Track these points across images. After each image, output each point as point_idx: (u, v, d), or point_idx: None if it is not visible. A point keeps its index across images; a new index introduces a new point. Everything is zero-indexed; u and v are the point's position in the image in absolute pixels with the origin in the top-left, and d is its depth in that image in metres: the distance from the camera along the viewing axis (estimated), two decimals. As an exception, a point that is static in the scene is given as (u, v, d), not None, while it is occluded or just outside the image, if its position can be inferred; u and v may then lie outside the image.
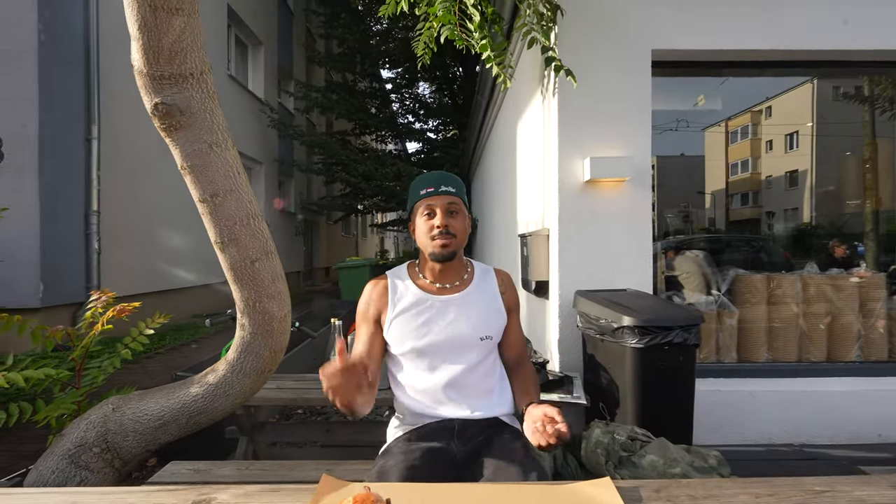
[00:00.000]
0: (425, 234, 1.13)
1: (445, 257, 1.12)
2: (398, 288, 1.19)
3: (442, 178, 1.15)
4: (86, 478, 1.36)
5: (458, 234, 1.13)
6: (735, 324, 2.65)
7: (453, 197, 1.14)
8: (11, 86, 4.23)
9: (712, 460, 1.17)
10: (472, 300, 1.17)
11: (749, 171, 3.79)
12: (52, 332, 1.60)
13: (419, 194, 1.15)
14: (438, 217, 1.12)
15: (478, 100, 5.00)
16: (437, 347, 1.13)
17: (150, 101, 1.15)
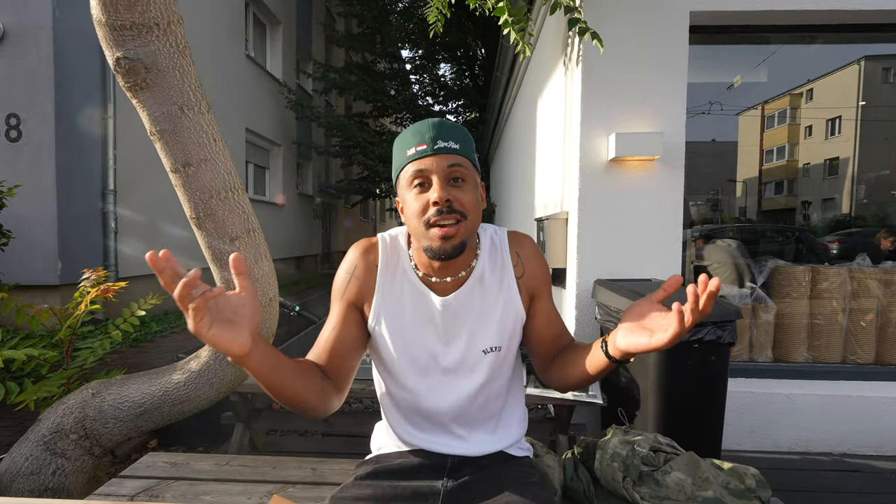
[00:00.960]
0: (416, 215, 0.73)
1: (449, 254, 0.72)
2: (390, 268, 0.83)
3: (438, 129, 0.74)
4: (62, 466, 1.29)
5: (468, 213, 0.73)
6: (772, 319, 2.42)
7: (456, 156, 0.73)
8: (27, 62, 4.22)
9: (750, 480, 1.00)
10: (474, 298, 0.82)
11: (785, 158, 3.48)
12: (36, 311, 1.53)
13: (405, 155, 0.75)
14: (435, 188, 0.71)
15: (497, 77, 4.75)
16: (426, 368, 0.82)
17: (112, 56, 1.02)
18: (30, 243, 4.12)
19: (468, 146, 0.77)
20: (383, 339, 0.82)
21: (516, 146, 4.90)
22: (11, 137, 4.23)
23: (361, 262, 0.83)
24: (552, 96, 2.84)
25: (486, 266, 0.83)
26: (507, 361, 0.86)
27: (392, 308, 0.82)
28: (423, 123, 0.76)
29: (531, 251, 0.86)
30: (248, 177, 8.40)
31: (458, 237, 0.72)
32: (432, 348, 0.82)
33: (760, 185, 3.13)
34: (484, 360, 0.82)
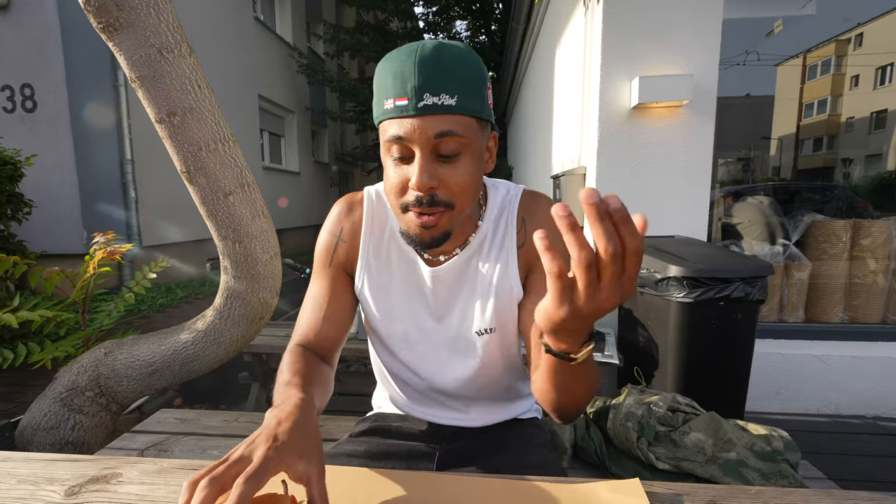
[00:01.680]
0: (393, 192, 0.58)
1: (429, 245, 0.60)
2: (376, 229, 0.71)
3: (428, 74, 0.52)
4: (80, 421, 1.32)
5: (455, 201, 0.58)
6: (805, 278, 2.27)
7: (450, 118, 0.54)
8: (35, 29, 4.18)
9: (778, 443, 0.93)
10: (469, 270, 0.69)
11: (826, 111, 3.18)
12: (48, 273, 1.54)
13: (382, 104, 0.56)
14: (415, 169, 0.55)
15: (513, 28, 4.47)
16: (417, 342, 0.72)
17: (81, -7, 0.94)
18: (54, 213, 4.23)
19: (472, 91, 0.55)
20: (369, 307, 0.72)
21: (534, 103, 4.66)
22: (27, 108, 4.27)
23: (347, 221, 0.72)
24: (570, 42, 2.63)
25: (488, 234, 0.69)
26: (507, 344, 0.72)
27: (377, 275, 0.71)
28: (409, 56, 0.53)
29: (543, 216, 0.69)
30: (264, 145, 8.36)
31: (440, 227, 0.58)
32: (422, 323, 0.71)
33: (798, 142, 2.90)
34: (478, 343, 0.70)
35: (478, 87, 0.56)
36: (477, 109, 0.56)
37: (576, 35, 2.47)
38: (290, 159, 9.28)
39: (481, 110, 0.57)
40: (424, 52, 0.53)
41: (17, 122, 4.27)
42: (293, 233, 8.41)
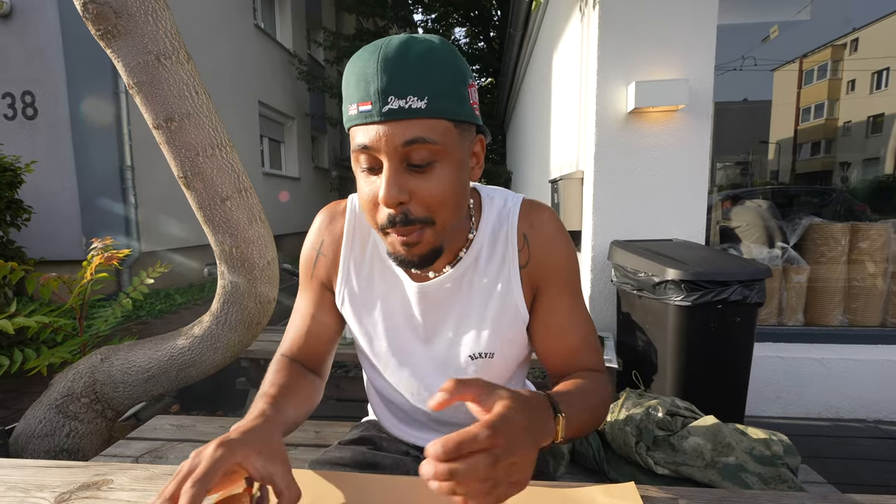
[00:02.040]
0: (366, 207, 0.53)
1: (418, 264, 0.54)
2: (357, 241, 0.66)
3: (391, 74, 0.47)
4: (75, 428, 1.31)
5: (434, 216, 0.52)
6: (804, 281, 2.27)
7: (419, 123, 0.48)
8: (36, 37, 4.21)
9: (777, 447, 0.92)
10: (462, 287, 0.63)
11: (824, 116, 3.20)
12: (45, 280, 1.54)
13: (347, 109, 0.51)
14: (383, 182, 0.49)
15: (510, 34, 4.50)
16: (402, 365, 0.67)
17: (80, 1, 0.94)
18: (54, 219, 4.24)
19: (446, 92, 0.48)
20: (352, 324, 0.68)
21: (532, 108, 4.69)
22: (28, 115, 4.29)
23: (327, 233, 0.67)
24: (567, 48, 2.65)
25: (483, 247, 0.62)
26: (505, 373, 0.67)
27: (359, 291, 0.66)
28: (371, 57, 0.47)
29: (547, 232, 0.62)
30: (264, 151, 8.39)
31: (425, 245, 0.52)
32: (407, 344, 0.66)
33: (795, 146, 2.91)
34: (470, 368, 0.64)
35: (454, 86, 0.49)
36: (453, 112, 0.49)
37: (572, 41, 2.49)
38: (290, 165, 9.31)
39: (458, 112, 0.50)
40: (389, 50, 0.47)
41: (17, 129, 4.29)
42: (292, 238, 8.42)
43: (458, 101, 0.50)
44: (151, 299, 4.76)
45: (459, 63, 0.51)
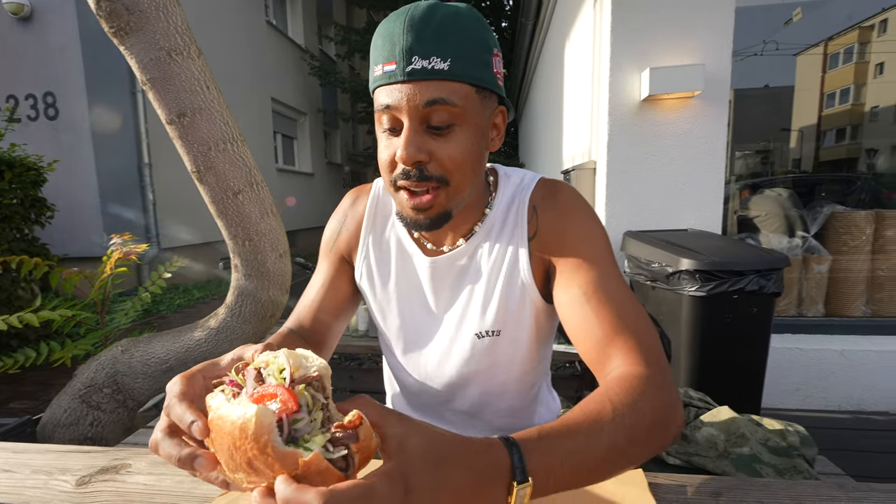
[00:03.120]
0: (384, 167, 0.54)
1: (427, 227, 0.55)
2: (378, 219, 0.68)
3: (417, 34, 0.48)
4: (98, 418, 1.36)
5: (449, 177, 0.52)
6: (825, 271, 2.21)
7: (440, 85, 0.49)
8: (56, 39, 4.31)
9: (793, 437, 0.90)
10: (472, 263, 0.63)
11: (849, 101, 3.08)
12: (67, 274, 1.59)
13: (372, 70, 0.52)
14: (401, 140, 0.50)
15: (522, 23, 4.44)
16: (413, 343, 0.68)
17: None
18: (76, 216, 4.36)
19: (470, 56, 0.49)
20: (368, 300, 0.70)
21: (544, 98, 4.63)
22: (49, 116, 4.40)
23: (351, 211, 0.70)
24: (579, 35, 2.60)
25: (496, 224, 0.62)
26: (514, 354, 0.64)
27: (376, 267, 0.68)
28: (398, 19, 0.48)
29: (561, 202, 0.59)
30: (277, 147, 8.47)
31: (436, 208, 0.53)
32: (418, 319, 0.67)
33: (819, 133, 2.81)
34: (476, 347, 0.63)
35: (478, 52, 0.50)
36: (475, 76, 0.50)
37: (585, 28, 2.44)
38: (303, 161, 9.39)
39: (481, 77, 0.50)
40: (416, 12, 0.48)
41: (40, 130, 4.41)
42: (306, 233, 8.51)
43: (481, 66, 0.50)
44: (170, 294, 4.88)
45: (485, 30, 0.51)
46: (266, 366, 0.32)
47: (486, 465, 0.33)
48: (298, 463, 0.28)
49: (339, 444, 0.30)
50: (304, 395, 0.31)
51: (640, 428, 0.41)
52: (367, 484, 0.28)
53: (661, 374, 0.46)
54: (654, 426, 0.42)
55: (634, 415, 0.41)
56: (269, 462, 0.28)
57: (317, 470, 0.28)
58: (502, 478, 0.33)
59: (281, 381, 0.31)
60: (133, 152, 4.97)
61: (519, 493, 0.32)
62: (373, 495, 0.28)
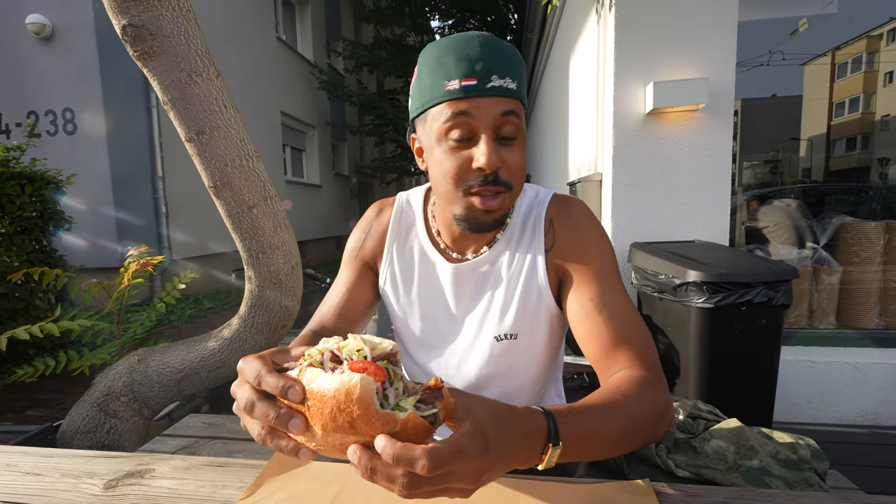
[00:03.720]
0: (451, 177, 0.57)
1: (489, 228, 0.61)
2: (402, 228, 0.73)
3: (493, 57, 0.55)
4: (115, 426, 1.39)
5: (514, 184, 0.59)
6: (836, 282, 2.19)
7: (512, 101, 0.56)
8: (76, 58, 4.45)
9: (804, 451, 0.90)
10: (493, 270, 0.68)
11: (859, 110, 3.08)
12: (86, 285, 1.64)
13: (441, 87, 0.55)
14: (483, 149, 0.55)
15: (527, 38, 4.51)
16: (434, 346, 0.72)
17: (119, 24, 1.02)
18: (94, 229, 4.46)
19: (523, 81, 0.58)
20: (391, 305, 0.74)
21: (549, 111, 4.67)
22: (68, 131, 4.54)
23: (376, 221, 0.75)
24: (584, 49, 2.64)
25: (515, 234, 0.68)
26: (534, 354, 0.69)
27: (400, 274, 0.72)
28: (471, 41, 0.55)
29: (575, 218, 0.66)
30: (286, 160, 8.61)
31: (501, 210, 0.59)
32: (439, 324, 0.71)
33: (829, 142, 2.81)
34: (495, 350, 0.67)
35: (525, 79, 0.59)
36: (525, 99, 0.59)
37: (589, 43, 2.48)
38: (312, 173, 9.52)
39: (526, 100, 0.60)
40: (486, 38, 0.56)
41: (59, 144, 4.54)
42: (314, 244, 8.59)
43: (526, 91, 0.60)
44: (182, 304, 4.94)
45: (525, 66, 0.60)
46: (339, 349, 0.37)
47: (532, 427, 0.40)
48: (397, 421, 0.32)
49: (427, 403, 0.35)
50: (388, 368, 0.35)
51: (642, 418, 0.49)
52: (458, 442, 0.34)
53: (658, 378, 0.55)
54: (653, 417, 0.50)
55: (640, 407, 0.49)
56: (371, 422, 0.32)
57: (413, 426, 0.33)
58: (541, 438, 0.41)
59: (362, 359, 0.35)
60: (147, 166, 5.09)
61: (552, 453, 0.40)
62: (463, 450, 0.33)
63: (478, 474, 0.35)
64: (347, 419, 0.32)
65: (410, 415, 0.33)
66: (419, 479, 0.33)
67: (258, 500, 0.51)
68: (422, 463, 0.32)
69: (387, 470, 0.33)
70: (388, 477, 0.33)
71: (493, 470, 0.36)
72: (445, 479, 0.34)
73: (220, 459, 0.61)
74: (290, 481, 0.54)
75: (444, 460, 0.32)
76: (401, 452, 0.32)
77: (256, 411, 0.36)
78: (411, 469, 0.32)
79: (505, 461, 0.37)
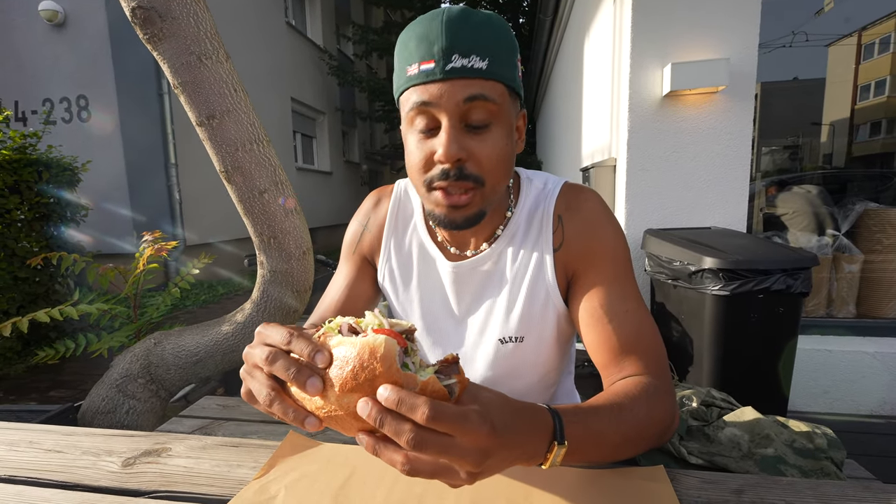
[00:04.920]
0: (416, 168, 0.54)
1: (461, 226, 0.55)
2: (400, 221, 0.69)
3: (455, 34, 0.48)
4: (133, 406, 1.42)
5: (486, 177, 0.52)
6: (857, 270, 2.14)
7: (480, 83, 0.49)
8: (88, 45, 4.48)
9: (821, 440, 0.88)
10: (496, 268, 0.63)
11: (885, 93, 2.95)
12: (103, 270, 1.67)
13: (404, 72, 0.51)
14: (442, 138, 0.50)
15: (540, 19, 4.40)
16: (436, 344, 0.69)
17: (128, 6, 1.01)
18: (109, 216, 4.53)
19: (503, 57, 0.50)
20: (391, 301, 0.71)
21: (562, 95, 4.58)
22: (83, 118, 4.58)
23: (373, 212, 0.71)
24: (599, 30, 2.57)
25: (520, 227, 0.62)
26: (536, 361, 0.65)
27: (398, 269, 0.69)
28: (433, 19, 0.49)
29: (586, 214, 0.60)
30: (297, 147, 8.62)
31: (472, 206, 0.53)
32: (440, 323, 0.67)
33: (852, 127, 2.71)
34: (500, 352, 0.63)
35: (509, 54, 0.51)
36: (508, 77, 0.51)
37: (604, 23, 2.41)
38: (322, 159, 9.53)
39: (512, 79, 0.52)
40: (452, 13, 0.49)
41: (74, 131, 4.60)
42: (325, 231, 8.64)
43: (512, 68, 0.52)
44: (195, 289, 5.03)
45: (512, 35, 0.54)
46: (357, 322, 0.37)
47: (539, 422, 0.39)
48: (417, 383, 0.32)
49: (445, 374, 0.35)
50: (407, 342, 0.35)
51: (649, 424, 0.48)
52: (464, 409, 0.33)
53: (667, 386, 0.54)
54: (660, 424, 0.50)
55: (647, 413, 0.49)
56: (393, 380, 0.32)
57: (431, 390, 0.33)
58: (547, 435, 0.39)
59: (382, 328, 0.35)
60: (160, 152, 5.14)
61: (558, 451, 0.39)
62: (467, 420, 0.32)
63: (481, 455, 0.33)
64: (369, 377, 0.32)
65: (431, 378, 0.33)
66: (424, 437, 0.31)
67: (271, 479, 0.51)
68: (422, 409, 0.30)
69: (395, 420, 0.31)
70: (395, 428, 0.31)
71: (497, 457, 0.35)
72: (448, 448, 0.32)
73: (235, 440, 0.61)
74: (303, 462, 0.55)
75: (445, 415, 0.31)
76: (404, 395, 0.31)
77: (278, 364, 0.35)
78: (412, 414, 0.31)
79: (509, 449, 0.36)
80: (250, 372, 0.39)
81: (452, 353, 0.36)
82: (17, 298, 2.54)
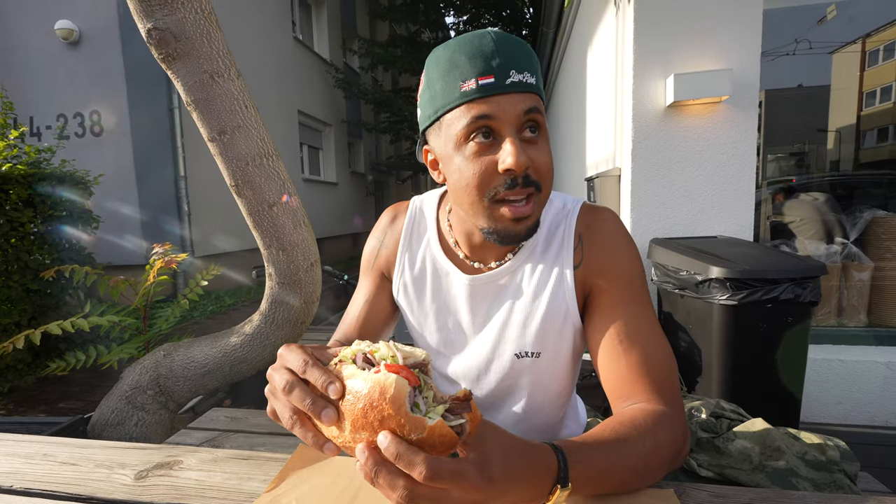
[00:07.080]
0: (475, 184, 0.53)
1: (523, 238, 0.56)
2: (414, 238, 0.71)
3: (509, 52, 0.51)
4: (142, 418, 1.43)
5: (543, 184, 0.54)
6: (867, 279, 2.11)
7: (533, 96, 0.52)
8: (102, 62, 4.59)
9: (833, 452, 0.87)
10: (513, 283, 0.64)
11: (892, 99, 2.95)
12: (114, 282, 1.69)
13: (455, 90, 0.52)
14: (509, 149, 0.51)
15: (543, 32, 4.45)
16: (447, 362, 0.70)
17: (144, 28, 1.04)
18: (119, 227, 4.60)
19: (539, 74, 0.54)
20: (406, 316, 0.72)
21: (566, 106, 4.61)
22: (95, 132, 4.68)
23: (390, 229, 0.73)
24: (602, 42, 2.60)
25: (538, 247, 0.63)
26: (552, 376, 0.65)
27: (412, 285, 0.70)
28: (483, 37, 0.51)
29: (605, 235, 0.61)
30: (304, 158, 8.72)
31: (533, 217, 0.54)
32: (454, 337, 0.68)
33: (858, 133, 2.70)
34: (515, 367, 0.64)
35: (541, 74, 0.56)
36: (543, 94, 0.56)
37: (607, 35, 2.44)
38: (328, 171, 9.62)
39: (544, 96, 0.57)
40: (498, 33, 0.52)
41: (86, 146, 4.70)
42: (331, 241, 8.68)
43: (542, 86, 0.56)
44: (203, 301, 5.06)
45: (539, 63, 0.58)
46: (372, 353, 0.37)
47: (542, 466, 0.40)
48: (425, 427, 0.33)
49: (455, 413, 0.35)
50: (420, 376, 0.36)
51: (656, 456, 0.49)
52: (461, 466, 0.34)
53: (676, 412, 0.53)
54: (668, 455, 0.50)
55: (654, 444, 0.49)
56: (400, 423, 0.32)
57: (439, 434, 0.33)
58: (550, 478, 0.40)
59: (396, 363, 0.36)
60: (170, 166, 5.23)
61: (560, 494, 0.40)
62: (464, 476, 0.34)
63: None
64: (378, 417, 0.33)
65: (438, 423, 0.33)
66: (417, 491, 0.33)
67: (283, 492, 0.52)
68: (420, 469, 0.32)
69: (390, 475, 0.33)
70: (390, 482, 0.33)
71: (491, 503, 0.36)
72: (441, 500, 0.33)
73: (245, 452, 0.62)
74: (314, 475, 0.55)
75: (441, 474, 0.32)
76: (403, 450, 0.32)
77: (295, 394, 0.37)
78: (409, 471, 0.32)
79: (506, 496, 0.37)
80: (274, 393, 0.40)
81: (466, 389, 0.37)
82: (29, 310, 2.58)
